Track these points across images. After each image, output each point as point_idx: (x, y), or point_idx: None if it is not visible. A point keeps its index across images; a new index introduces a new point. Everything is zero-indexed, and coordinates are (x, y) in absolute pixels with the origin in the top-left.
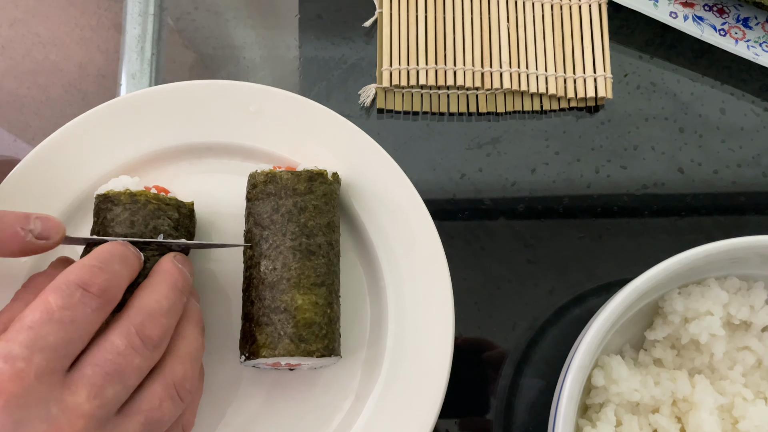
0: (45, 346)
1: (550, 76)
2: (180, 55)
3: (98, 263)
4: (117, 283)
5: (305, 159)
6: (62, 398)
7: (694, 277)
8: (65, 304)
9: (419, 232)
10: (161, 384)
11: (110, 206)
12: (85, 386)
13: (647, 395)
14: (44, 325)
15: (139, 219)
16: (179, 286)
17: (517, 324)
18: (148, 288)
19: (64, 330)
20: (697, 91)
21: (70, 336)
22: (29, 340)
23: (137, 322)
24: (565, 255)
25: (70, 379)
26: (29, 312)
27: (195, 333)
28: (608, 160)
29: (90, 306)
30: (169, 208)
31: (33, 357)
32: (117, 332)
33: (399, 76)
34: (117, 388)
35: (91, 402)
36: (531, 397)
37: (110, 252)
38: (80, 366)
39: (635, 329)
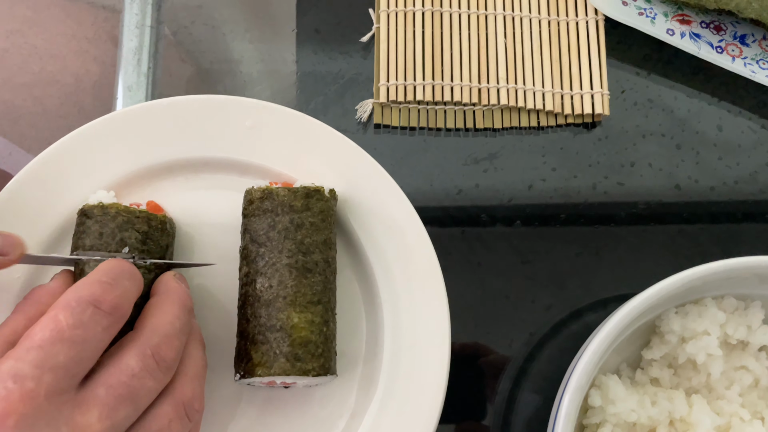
0: (55, 366)
1: (547, 92)
2: (177, 68)
3: (109, 279)
4: (127, 300)
5: (302, 175)
6: (73, 418)
7: (691, 296)
8: (76, 322)
9: (416, 249)
10: (170, 404)
11: (84, 219)
12: (97, 406)
13: (644, 415)
14: (54, 345)
15: (107, 231)
16: (187, 306)
17: (514, 340)
18: (159, 308)
19: (74, 349)
20: (694, 107)
21: (80, 355)
22: (39, 360)
23: (153, 344)
24: (562, 271)
25: (82, 398)
26: (39, 330)
27: (200, 352)
28: (605, 176)
29: (101, 324)
30: (138, 221)
31: (43, 377)
32: (132, 353)
33: (396, 92)
34: (129, 410)
35: (103, 423)
36: (528, 413)
37: (120, 267)
38: (93, 385)
39: (632, 348)
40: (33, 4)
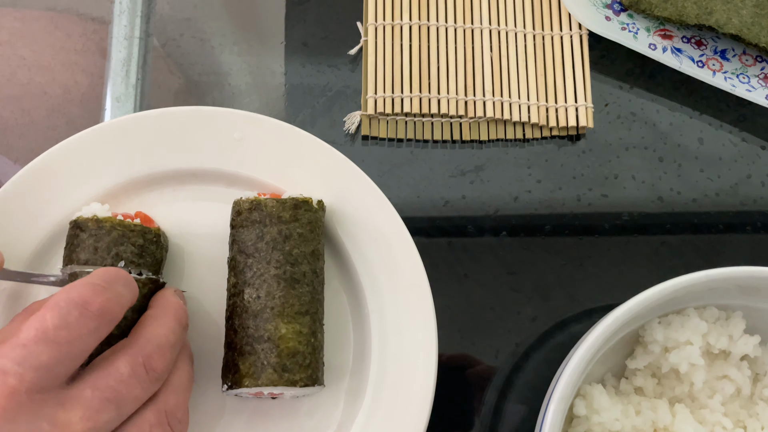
0: (38, 365)
1: (532, 105)
2: (165, 80)
3: (102, 282)
4: (119, 304)
5: (290, 186)
6: (55, 415)
7: (674, 306)
8: (61, 323)
9: (402, 260)
10: (153, 412)
11: (78, 232)
12: (81, 407)
13: (628, 425)
14: (38, 344)
15: (102, 245)
16: (183, 322)
17: (500, 351)
18: (156, 319)
19: (57, 350)
20: (676, 121)
21: (64, 356)
22: (21, 358)
23: (145, 353)
24: (547, 281)
25: (66, 397)
26: (25, 328)
27: (188, 366)
28: (589, 188)
29: (87, 327)
30: (133, 235)
31: (25, 374)
32: (124, 359)
33: (384, 104)
34: (112, 414)
35: (84, 423)
36: (514, 423)
37: (116, 273)
38: (80, 385)
39: (616, 358)
40: (21, 16)
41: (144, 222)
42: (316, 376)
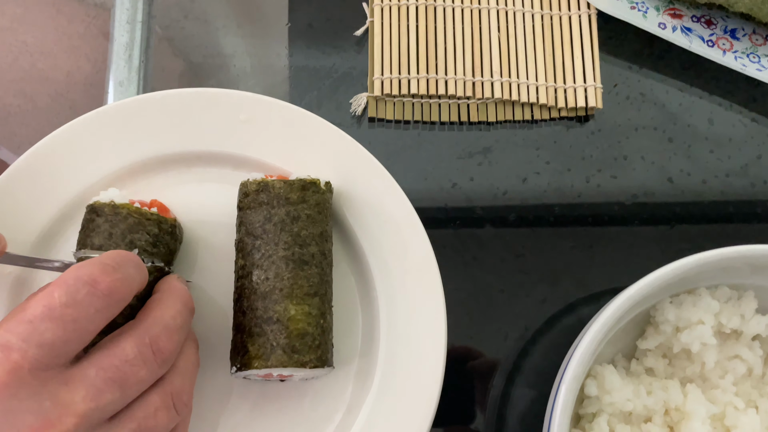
0: (42, 342)
1: (540, 85)
2: (169, 63)
3: (112, 263)
4: (128, 286)
5: (297, 168)
6: (57, 393)
7: (686, 286)
8: (69, 300)
9: (411, 242)
10: (158, 394)
11: (94, 216)
12: (84, 386)
13: (640, 405)
14: (44, 321)
15: (117, 231)
16: (189, 306)
17: (508, 334)
18: (162, 302)
19: (62, 328)
20: (686, 101)
21: (69, 335)
22: (26, 334)
23: (153, 333)
24: (556, 264)
25: (70, 375)
26: (32, 304)
27: (193, 349)
28: (598, 169)
29: (94, 306)
30: (149, 223)
31: (29, 350)
32: (130, 340)
33: (390, 85)
34: (116, 395)
35: (87, 403)
36: (522, 407)
37: (126, 255)
38: (84, 365)
39: (627, 339)
40: (23, 2)
41: (161, 212)
42: (325, 357)
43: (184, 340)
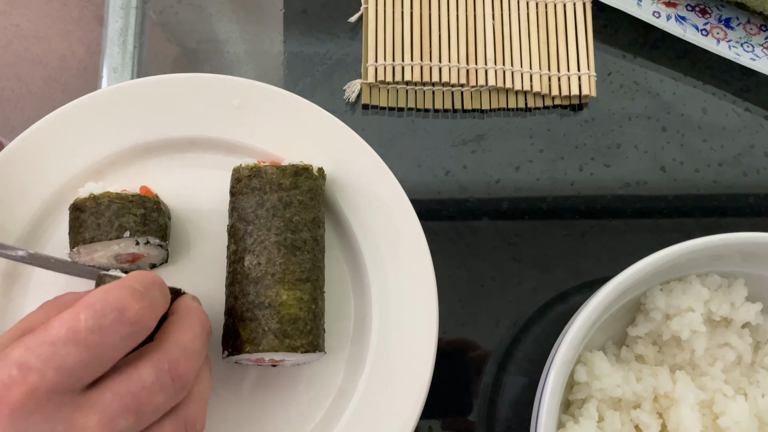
0: (62, 366)
1: (534, 73)
2: (163, 48)
3: (141, 287)
4: (154, 313)
5: (290, 154)
6: (71, 419)
7: (676, 273)
8: (94, 326)
9: (404, 229)
10: (173, 423)
11: (78, 214)
12: (98, 412)
13: (629, 391)
14: (67, 345)
15: (104, 221)
16: (207, 328)
17: (500, 321)
18: (181, 324)
19: (85, 353)
20: (680, 90)
21: (91, 360)
22: (47, 356)
23: (172, 358)
24: (548, 253)
25: (86, 400)
26: (56, 325)
27: (208, 374)
28: (592, 158)
29: (120, 333)
30: (132, 205)
31: (47, 373)
32: (149, 364)
33: (384, 72)
34: (130, 423)
35: (100, 430)
36: (514, 394)
37: (153, 278)
38: (100, 389)
39: (617, 326)
40: None
41: (142, 192)
42: (317, 342)
43: (201, 364)
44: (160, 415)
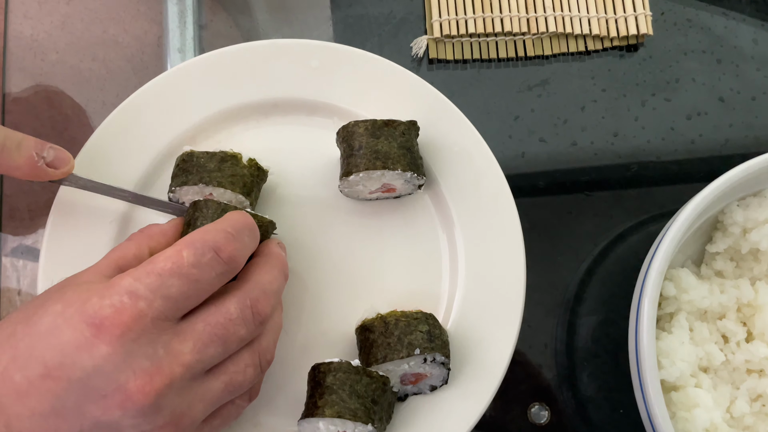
0: (167, 295)
1: (592, 17)
2: (235, 19)
3: (233, 231)
4: (243, 254)
5: (368, 110)
6: (170, 344)
7: (751, 189)
8: (195, 262)
9: (484, 171)
10: (249, 352)
11: (368, 335)
12: (192, 339)
13: (715, 302)
14: (172, 276)
15: (393, 340)
16: (285, 273)
17: (579, 250)
18: (262, 267)
19: (187, 285)
20: (730, 24)
21: (191, 292)
22: (155, 286)
23: (253, 296)
24: (617, 186)
25: (181, 329)
26: (162, 259)
27: (279, 313)
28: (652, 93)
29: (216, 270)
30: (418, 323)
31: (154, 301)
32: (234, 300)
33: (449, 26)
34: (218, 350)
35: (194, 355)
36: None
37: (244, 222)
38: (193, 320)
39: (695, 246)
40: None
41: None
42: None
43: (278, 303)
44: (241, 345)
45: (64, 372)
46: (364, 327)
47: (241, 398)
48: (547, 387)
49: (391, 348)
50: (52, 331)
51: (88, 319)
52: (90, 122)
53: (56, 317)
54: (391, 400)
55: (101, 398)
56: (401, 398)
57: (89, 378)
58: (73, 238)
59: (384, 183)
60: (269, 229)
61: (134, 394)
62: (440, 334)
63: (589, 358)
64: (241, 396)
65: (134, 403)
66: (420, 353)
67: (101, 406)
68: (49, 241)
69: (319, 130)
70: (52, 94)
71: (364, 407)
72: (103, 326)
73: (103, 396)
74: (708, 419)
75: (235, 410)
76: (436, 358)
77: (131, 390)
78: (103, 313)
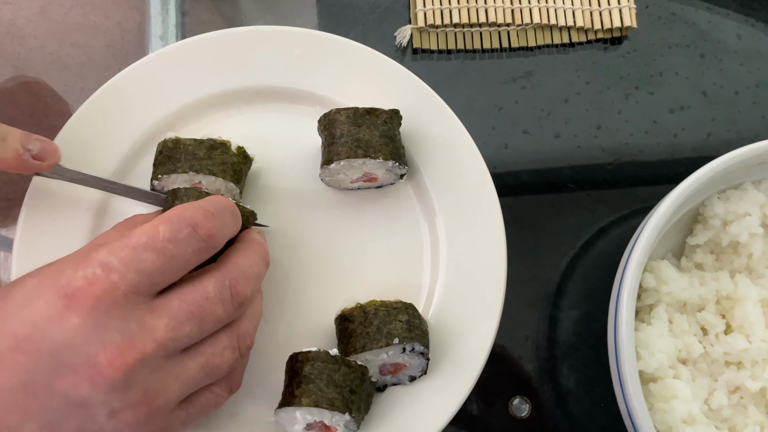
0: (141, 270)
1: (576, 9)
2: (218, 6)
3: (213, 209)
4: (222, 233)
5: (351, 98)
6: (143, 318)
7: (732, 182)
8: (171, 236)
9: (466, 161)
10: (227, 334)
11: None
12: (167, 316)
13: (694, 294)
14: (146, 251)
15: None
16: (266, 259)
17: (562, 244)
18: (243, 251)
19: (162, 260)
20: (714, 19)
21: (165, 267)
22: (129, 259)
23: (232, 277)
24: (600, 180)
25: (156, 304)
26: (137, 233)
27: (260, 300)
28: (636, 87)
29: (192, 246)
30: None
31: (127, 274)
32: (212, 279)
33: (433, 16)
34: (194, 329)
35: (168, 332)
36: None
37: (225, 203)
38: (169, 296)
39: (676, 238)
40: None
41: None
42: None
43: (258, 289)
44: (219, 326)
45: (33, 344)
46: (343, 317)
47: (220, 387)
48: (528, 380)
49: (370, 337)
50: (25, 304)
51: (60, 290)
52: (70, 110)
53: (30, 290)
54: (370, 391)
55: (71, 372)
56: (380, 389)
57: (59, 350)
58: (48, 228)
59: (365, 172)
60: (250, 219)
61: (104, 368)
62: (420, 324)
63: (570, 352)
64: (220, 384)
65: (104, 377)
66: (399, 343)
67: (70, 381)
68: (23, 232)
69: (301, 118)
70: (32, 81)
71: (341, 397)
72: (75, 297)
73: (72, 370)
74: (686, 411)
75: (213, 399)
76: (415, 348)
77: (101, 363)
78: (75, 284)
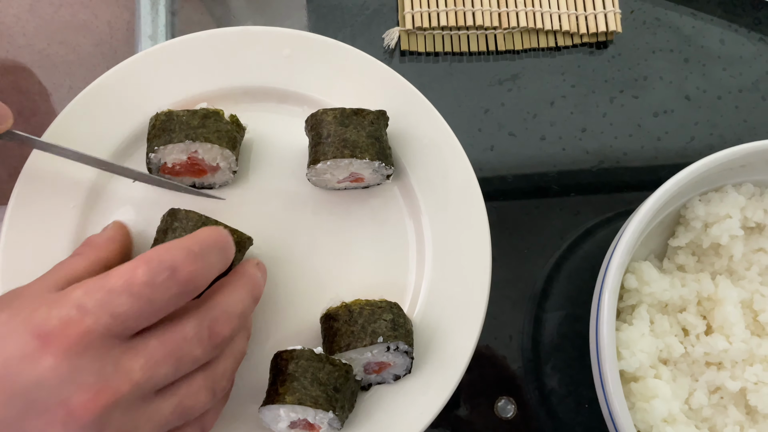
0: (116, 313)
1: (563, 13)
2: (208, 6)
3: (198, 249)
4: (205, 276)
5: (338, 99)
6: (119, 360)
7: (713, 184)
8: (149, 281)
9: (452, 163)
10: (203, 375)
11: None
12: (143, 357)
13: (676, 295)
14: (122, 294)
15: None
16: (255, 297)
17: (546, 246)
18: (230, 287)
19: (138, 305)
20: (698, 24)
21: (141, 311)
22: (104, 302)
23: (213, 316)
24: (585, 182)
25: (133, 345)
26: (116, 276)
27: (244, 339)
28: (621, 90)
29: (170, 291)
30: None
31: (102, 318)
32: (191, 319)
33: (421, 19)
34: (169, 370)
35: (144, 372)
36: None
37: (214, 240)
38: (146, 337)
39: (658, 240)
40: None
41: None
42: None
43: (240, 328)
44: (195, 367)
45: (6, 383)
46: (328, 315)
47: (192, 427)
48: (513, 381)
49: (355, 336)
50: None
51: (35, 330)
52: (57, 108)
53: (1, 326)
54: (354, 389)
55: (43, 412)
56: (365, 387)
57: (32, 390)
58: (34, 228)
59: (352, 172)
60: (246, 245)
61: (77, 409)
62: (404, 323)
63: (555, 353)
64: (193, 425)
65: (76, 419)
66: (383, 341)
67: (43, 421)
68: (8, 234)
69: (289, 117)
70: (20, 78)
71: (325, 395)
72: (49, 338)
73: (45, 410)
74: (666, 410)
75: None
76: (399, 347)
77: (74, 405)
78: (50, 324)
